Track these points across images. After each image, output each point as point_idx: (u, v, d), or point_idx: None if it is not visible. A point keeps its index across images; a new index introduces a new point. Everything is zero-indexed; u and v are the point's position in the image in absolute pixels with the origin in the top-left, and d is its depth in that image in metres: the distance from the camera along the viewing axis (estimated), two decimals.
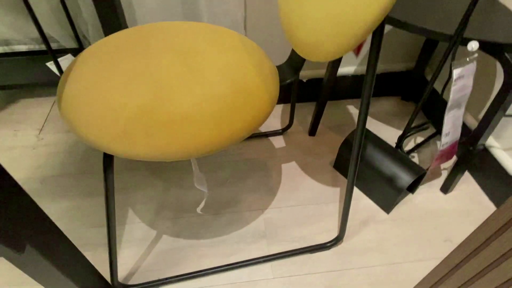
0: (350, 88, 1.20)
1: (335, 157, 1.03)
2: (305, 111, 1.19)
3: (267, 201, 0.92)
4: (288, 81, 0.66)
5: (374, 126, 1.14)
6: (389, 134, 1.11)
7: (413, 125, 1.08)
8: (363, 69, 1.16)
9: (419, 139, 1.09)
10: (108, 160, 0.56)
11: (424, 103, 0.93)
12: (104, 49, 0.62)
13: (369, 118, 1.17)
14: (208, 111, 0.52)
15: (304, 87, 1.17)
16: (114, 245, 0.66)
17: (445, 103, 1.05)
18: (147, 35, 0.65)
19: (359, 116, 0.60)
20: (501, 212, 0.36)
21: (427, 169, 0.86)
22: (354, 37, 0.45)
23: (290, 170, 1.00)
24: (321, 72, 1.15)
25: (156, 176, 0.98)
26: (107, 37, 0.65)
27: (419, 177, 0.88)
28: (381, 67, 1.17)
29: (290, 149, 1.06)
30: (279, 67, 0.70)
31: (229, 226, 0.87)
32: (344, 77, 1.16)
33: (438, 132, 1.08)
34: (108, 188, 0.59)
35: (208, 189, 0.92)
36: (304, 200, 0.92)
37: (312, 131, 1.08)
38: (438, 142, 1.08)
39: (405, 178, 0.84)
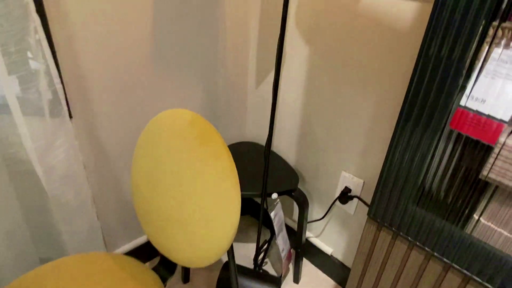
0: None
1: None
2: None
3: None
4: (168, 280, 0.82)
5: None
6: (244, 250, 1.39)
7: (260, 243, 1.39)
8: None
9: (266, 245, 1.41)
10: None
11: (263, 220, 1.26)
12: None
13: None
14: None
15: None
16: None
17: None
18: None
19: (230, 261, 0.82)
20: None
21: (281, 276, 1.16)
22: (216, 256, 0.68)
23: None
24: None
25: None
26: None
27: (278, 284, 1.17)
28: None
29: None
30: (155, 269, 0.85)
31: None
32: None
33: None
34: None
35: None
36: None
37: (186, 278, 1.23)
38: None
39: None
